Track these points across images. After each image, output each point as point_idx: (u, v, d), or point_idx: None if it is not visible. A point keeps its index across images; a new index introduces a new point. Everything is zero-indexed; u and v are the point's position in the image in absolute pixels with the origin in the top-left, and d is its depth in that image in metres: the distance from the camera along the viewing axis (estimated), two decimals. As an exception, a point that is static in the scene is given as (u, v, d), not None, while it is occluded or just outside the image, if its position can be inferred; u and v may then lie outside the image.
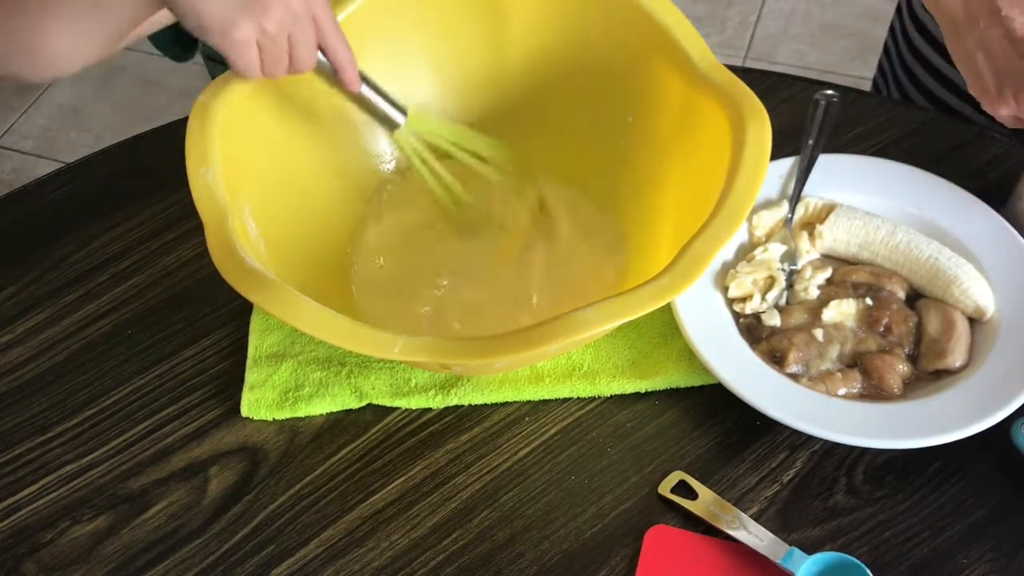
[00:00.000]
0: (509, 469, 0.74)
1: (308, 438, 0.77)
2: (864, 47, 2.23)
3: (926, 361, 0.75)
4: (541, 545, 0.70)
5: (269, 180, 0.76)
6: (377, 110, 0.76)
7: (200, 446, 0.77)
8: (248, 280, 0.63)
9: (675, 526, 0.70)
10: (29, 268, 0.89)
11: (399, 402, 0.77)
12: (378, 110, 0.76)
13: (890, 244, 0.80)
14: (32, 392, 0.81)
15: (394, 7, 0.83)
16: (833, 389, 0.73)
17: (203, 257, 0.86)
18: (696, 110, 0.74)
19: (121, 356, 0.82)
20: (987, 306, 0.76)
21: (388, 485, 0.74)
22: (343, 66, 0.71)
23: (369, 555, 0.70)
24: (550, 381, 0.77)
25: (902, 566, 0.68)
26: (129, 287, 0.87)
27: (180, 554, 0.71)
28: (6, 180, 2.14)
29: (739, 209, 0.65)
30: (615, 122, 0.84)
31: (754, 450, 0.74)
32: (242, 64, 0.65)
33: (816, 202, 0.83)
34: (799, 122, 0.89)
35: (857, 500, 0.71)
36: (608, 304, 0.61)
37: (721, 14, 2.35)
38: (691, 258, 0.62)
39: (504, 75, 0.87)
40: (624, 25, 0.80)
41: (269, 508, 0.73)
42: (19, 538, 0.73)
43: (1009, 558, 0.68)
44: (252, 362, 0.80)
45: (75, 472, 0.76)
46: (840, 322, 0.77)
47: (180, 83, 0.99)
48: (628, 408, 0.76)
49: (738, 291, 0.79)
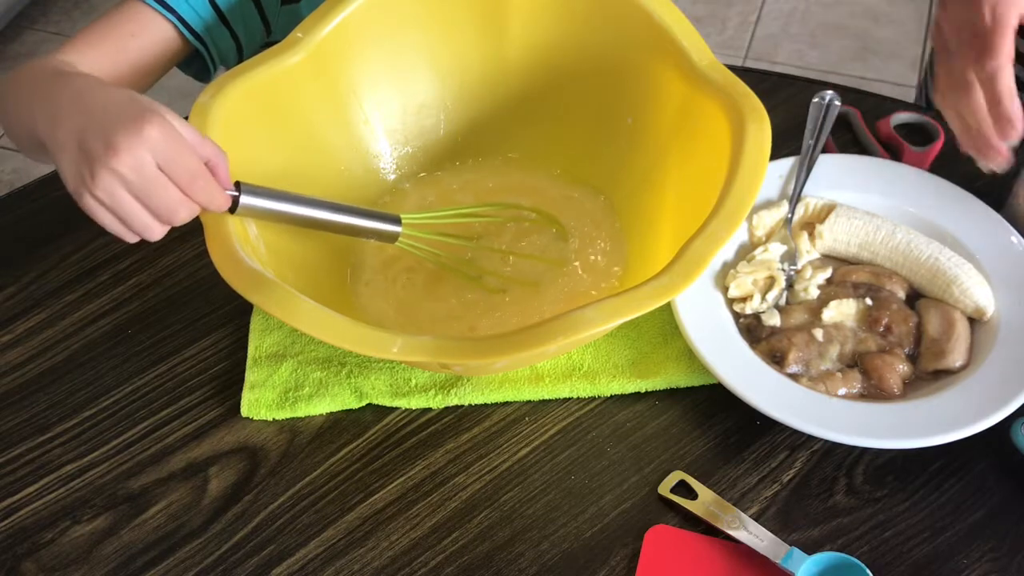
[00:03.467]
0: (509, 469, 0.74)
1: (308, 438, 0.77)
2: (864, 47, 2.23)
3: (926, 361, 0.75)
4: (541, 545, 0.70)
5: (268, 180, 0.76)
6: (375, 231, 0.76)
7: (200, 446, 0.77)
8: (248, 280, 0.63)
9: (675, 526, 0.70)
10: (29, 268, 0.89)
11: (399, 402, 0.77)
12: (376, 231, 0.76)
13: (890, 244, 0.80)
14: (32, 392, 0.81)
15: (394, 7, 0.83)
16: (833, 389, 0.73)
17: (203, 257, 0.86)
18: (696, 110, 0.74)
19: (121, 356, 0.82)
20: (987, 306, 0.76)
21: (388, 485, 0.74)
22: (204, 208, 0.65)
23: (369, 555, 0.70)
24: (550, 381, 0.77)
25: (902, 566, 0.68)
26: (129, 287, 0.87)
27: (180, 554, 0.71)
28: (6, 180, 2.13)
29: (739, 209, 0.65)
30: (615, 122, 0.84)
31: (754, 450, 0.74)
32: (107, 228, 0.63)
33: (816, 202, 0.83)
34: (799, 122, 0.89)
35: (857, 500, 0.71)
36: (608, 304, 0.61)
37: (721, 14, 2.35)
38: (691, 258, 0.62)
39: (504, 75, 0.87)
40: (624, 25, 0.80)
41: (269, 508, 0.73)
42: (19, 538, 0.73)
43: (1009, 558, 0.68)
44: (252, 362, 0.80)
45: (75, 472, 0.76)
46: (840, 322, 0.77)
47: (180, 83, 0.98)
48: (628, 408, 0.76)
49: (738, 291, 0.79)
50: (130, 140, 0.60)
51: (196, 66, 0.89)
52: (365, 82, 0.84)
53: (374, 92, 0.85)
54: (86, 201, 0.62)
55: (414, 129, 0.88)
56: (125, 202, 0.61)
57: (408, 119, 0.88)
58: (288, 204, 0.70)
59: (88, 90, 0.66)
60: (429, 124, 0.89)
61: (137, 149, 0.60)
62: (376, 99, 0.86)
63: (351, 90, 0.84)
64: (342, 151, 0.85)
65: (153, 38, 0.82)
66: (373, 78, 0.85)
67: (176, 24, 0.82)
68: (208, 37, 0.85)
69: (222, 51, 0.88)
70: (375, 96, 0.85)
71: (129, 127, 0.60)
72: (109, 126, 0.60)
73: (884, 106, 0.95)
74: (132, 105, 0.62)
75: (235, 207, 0.67)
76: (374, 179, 0.87)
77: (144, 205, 0.62)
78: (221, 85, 0.73)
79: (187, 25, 0.83)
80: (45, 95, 0.67)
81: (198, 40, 0.84)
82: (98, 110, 0.62)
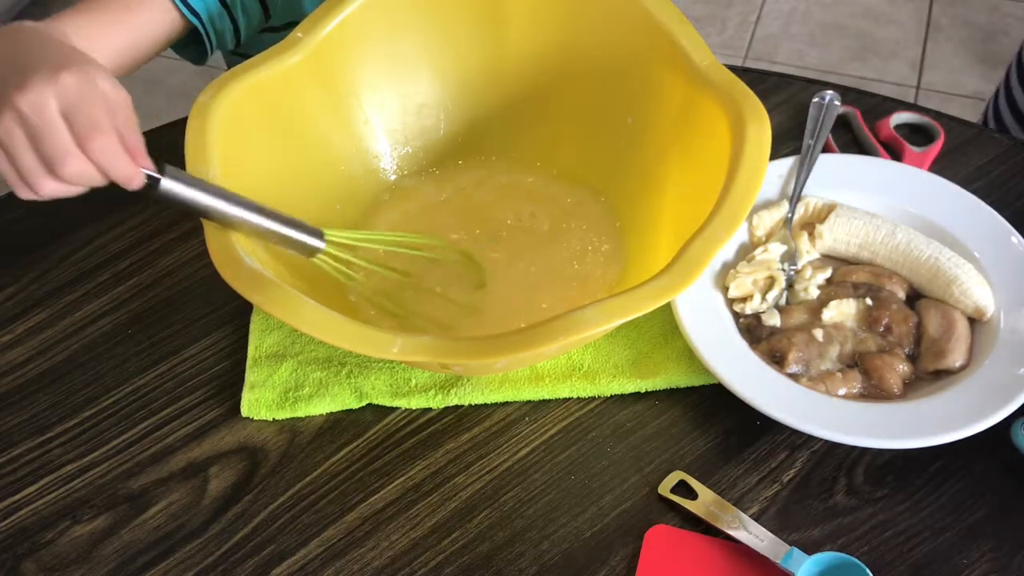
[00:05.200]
0: (509, 469, 0.74)
1: (308, 438, 0.77)
2: (864, 47, 2.23)
3: (926, 361, 0.75)
4: (541, 545, 0.70)
5: (268, 180, 0.76)
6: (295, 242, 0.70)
7: (200, 446, 0.77)
8: (248, 281, 0.63)
9: (675, 526, 0.70)
10: (29, 268, 0.89)
11: (399, 402, 0.77)
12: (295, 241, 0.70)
13: (890, 244, 0.80)
14: (32, 392, 0.81)
15: (394, 7, 0.83)
16: (833, 389, 0.73)
17: (203, 257, 0.86)
18: (696, 110, 0.74)
19: (121, 356, 0.82)
20: (987, 306, 0.76)
21: (388, 485, 0.74)
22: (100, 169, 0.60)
23: (369, 555, 0.70)
24: (550, 381, 0.77)
25: (902, 566, 0.68)
26: (129, 287, 0.87)
27: (180, 554, 0.71)
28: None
29: (739, 209, 0.65)
30: (615, 122, 0.84)
31: (754, 450, 0.74)
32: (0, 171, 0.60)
33: (816, 202, 0.83)
34: (799, 122, 0.90)
35: (857, 500, 0.71)
36: (608, 304, 0.61)
37: (721, 14, 2.35)
38: (691, 258, 0.62)
39: (504, 75, 0.87)
40: (624, 25, 0.80)
41: (269, 508, 0.73)
42: (19, 538, 0.73)
43: (1009, 558, 0.68)
44: (252, 362, 0.80)
45: (75, 472, 0.76)
46: (840, 322, 0.77)
47: (179, 83, 0.99)
48: (628, 408, 0.76)
49: (738, 291, 0.79)
50: (41, 81, 0.58)
51: (192, 49, 0.89)
52: (365, 82, 0.84)
53: (374, 92, 0.85)
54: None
55: (414, 129, 0.88)
56: (17, 141, 0.58)
57: (408, 119, 0.88)
58: (212, 198, 0.65)
59: (38, 39, 0.64)
60: (429, 124, 0.89)
61: (45, 89, 0.58)
62: (376, 99, 0.86)
63: (351, 90, 0.84)
64: (342, 151, 0.85)
65: (151, 12, 0.83)
66: (373, 78, 0.85)
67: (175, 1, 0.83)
68: (207, 16, 0.86)
69: (219, 32, 0.88)
70: (375, 96, 0.85)
71: (47, 70, 0.58)
72: (31, 67, 0.59)
73: (884, 106, 0.95)
74: (66, 55, 0.60)
75: (154, 190, 0.62)
76: (374, 179, 0.87)
77: (35, 149, 0.58)
78: (221, 85, 0.73)
79: (187, 3, 0.84)
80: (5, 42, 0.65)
81: (195, 17, 0.85)
82: (32, 54, 0.61)
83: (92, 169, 0.59)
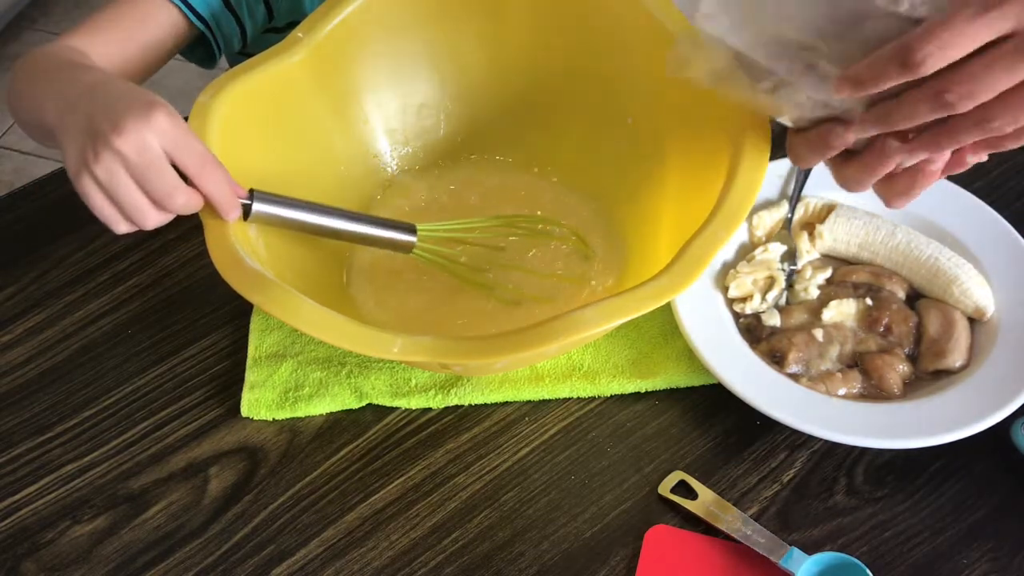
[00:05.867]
0: (509, 469, 0.74)
1: (308, 438, 0.77)
2: (864, 47, 2.23)
3: (926, 361, 0.75)
4: (541, 545, 0.70)
5: (268, 180, 0.76)
6: (389, 241, 0.75)
7: (200, 446, 0.77)
8: (248, 280, 0.63)
9: (675, 526, 0.70)
10: (29, 268, 0.89)
11: (399, 402, 0.77)
12: (390, 240, 0.75)
13: (890, 244, 0.80)
14: (32, 392, 0.81)
15: (394, 7, 0.83)
16: (833, 389, 0.73)
17: (203, 257, 0.86)
18: (696, 110, 0.74)
19: (121, 356, 0.82)
20: (987, 306, 0.76)
21: (388, 485, 0.74)
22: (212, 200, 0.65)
23: (369, 555, 0.70)
24: (550, 381, 0.77)
25: (902, 566, 0.68)
26: (129, 287, 0.87)
27: (180, 554, 0.71)
28: (6, 180, 2.13)
29: (739, 209, 0.65)
30: (615, 122, 0.84)
31: (754, 450, 0.74)
32: (96, 214, 0.64)
33: (816, 202, 0.83)
34: (799, 122, 0.89)
35: (857, 500, 0.71)
36: (608, 304, 0.61)
37: (721, 14, 2.34)
38: (691, 258, 0.62)
39: (504, 75, 0.87)
40: (624, 25, 0.80)
41: (269, 508, 0.73)
42: (19, 538, 0.73)
43: (1009, 558, 0.68)
44: (252, 362, 0.80)
45: (75, 472, 0.76)
46: (840, 322, 0.77)
47: (180, 83, 0.98)
48: (628, 408, 0.76)
49: (738, 291, 0.79)
50: (138, 123, 0.61)
51: (200, 52, 0.90)
52: (365, 82, 0.84)
53: (374, 92, 0.85)
54: (83, 181, 0.62)
55: (414, 129, 0.88)
56: (122, 183, 0.62)
57: (408, 119, 0.88)
58: (302, 212, 0.70)
59: (101, 83, 0.68)
60: (429, 124, 0.89)
61: (144, 131, 0.61)
62: (376, 99, 0.86)
63: (351, 90, 0.84)
64: (342, 151, 0.85)
65: (160, 24, 0.84)
66: (373, 78, 0.85)
67: (183, 9, 0.84)
68: (213, 22, 0.87)
69: (226, 35, 0.89)
70: (375, 96, 0.85)
71: (138, 113, 0.61)
72: (119, 111, 0.62)
73: (884, 106, 0.95)
74: (143, 96, 0.64)
75: (247, 214, 0.67)
76: (374, 178, 0.87)
77: (141, 187, 0.62)
78: (221, 85, 0.73)
79: (193, 10, 0.85)
80: (57, 85, 0.69)
81: (204, 25, 0.86)
82: (110, 98, 0.64)
83: (197, 199, 0.65)
